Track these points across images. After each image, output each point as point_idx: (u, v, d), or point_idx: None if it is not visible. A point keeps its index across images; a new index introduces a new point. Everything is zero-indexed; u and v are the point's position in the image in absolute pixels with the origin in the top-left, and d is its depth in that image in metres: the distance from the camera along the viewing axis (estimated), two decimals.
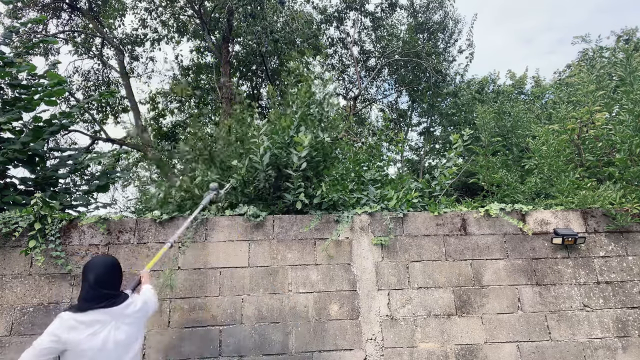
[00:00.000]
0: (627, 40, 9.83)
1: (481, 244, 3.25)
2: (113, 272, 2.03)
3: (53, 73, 3.87)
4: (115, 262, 2.08)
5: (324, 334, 2.94)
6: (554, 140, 4.35)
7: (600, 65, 6.20)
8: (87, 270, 1.98)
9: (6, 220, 2.90)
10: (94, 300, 1.90)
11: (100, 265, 2.00)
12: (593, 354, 3.00)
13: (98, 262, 2.02)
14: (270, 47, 9.26)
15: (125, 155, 11.96)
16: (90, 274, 1.96)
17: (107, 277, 1.98)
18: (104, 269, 1.99)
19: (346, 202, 3.38)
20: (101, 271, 1.97)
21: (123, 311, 1.96)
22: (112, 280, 2.01)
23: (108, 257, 2.11)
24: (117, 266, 2.07)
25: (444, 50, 12.92)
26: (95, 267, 1.98)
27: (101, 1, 10.93)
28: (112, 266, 2.04)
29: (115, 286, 2.02)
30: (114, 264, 2.06)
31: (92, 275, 1.95)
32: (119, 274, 2.06)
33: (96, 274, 1.95)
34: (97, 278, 1.94)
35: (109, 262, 2.06)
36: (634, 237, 3.35)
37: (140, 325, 2.05)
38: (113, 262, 2.08)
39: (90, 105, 11.24)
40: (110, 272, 2.01)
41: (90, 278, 1.94)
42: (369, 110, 14.76)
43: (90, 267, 1.99)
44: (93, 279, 1.94)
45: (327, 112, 3.95)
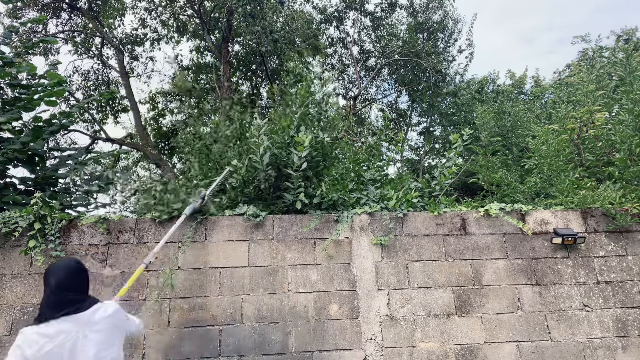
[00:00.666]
0: (627, 40, 9.84)
1: (481, 244, 3.25)
2: (76, 275, 1.85)
3: (53, 73, 3.88)
4: (78, 265, 1.90)
5: (324, 334, 2.95)
6: (554, 140, 4.35)
7: (600, 65, 6.20)
8: (48, 275, 1.80)
9: (6, 220, 2.90)
10: (56, 307, 1.72)
11: (61, 268, 1.82)
12: (593, 354, 3.00)
13: (59, 265, 1.85)
14: (270, 47, 9.26)
15: (125, 155, 11.97)
16: (51, 278, 1.78)
17: (70, 281, 1.80)
18: (66, 272, 1.81)
19: (346, 202, 3.38)
20: (63, 275, 1.79)
21: (91, 318, 1.77)
22: (76, 284, 1.83)
23: (71, 260, 1.92)
24: (81, 269, 1.89)
25: (444, 50, 12.92)
26: (57, 271, 1.80)
27: (101, 1, 10.93)
28: (75, 269, 1.86)
29: (80, 290, 1.84)
30: (77, 267, 1.88)
31: (54, 280, 1.77)
32: (83, 278, 1.89)
33: (57, 278, 1.78)
34: (58, 282, 1.76)
35: (71, 265, 1.87)
36: (634, 237, 3.35)
37: (113, 334, 1.84)
38: (76, 264, 1.89)
39: (90, 105, 11.24)
40: (73, 275, 1.83)
41: (51, 283, 1.77)
42: (369, 110, 14.77)
43: (50, 272, 1.81)
44: (54, 284, 1.76)
45: (326, 112, 3.95)
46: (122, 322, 1.94)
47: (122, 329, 1.93)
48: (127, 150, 11.13)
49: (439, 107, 12.53)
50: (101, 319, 1.80)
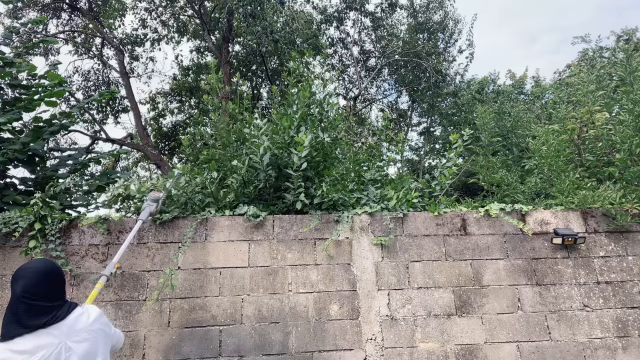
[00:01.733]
0: (627, 40, 9.84)
1: (481, 244, 3.26)
2: (49, 279, 1.54)
3: (53, 73, 3.87)
4: (52, 266, 1.59)
5: (324, 334, 2.95)
6: (554, 140, 4.35)
7: (600, 65, 6.20)
8: (15, 279, 1.50)
9: (6, 220, 2.90)
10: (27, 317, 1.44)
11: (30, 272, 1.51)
12: (593, 354, 3.00)
13: (28, 268, 1.53)
14: (270, 47, 9.26)
15: (125, 155, 11.97)
16: (17, 284, 1.48)
17: (41, 287, 1.50)
18: (36, 276, 1.51)
19: (346, 202, 3.38)
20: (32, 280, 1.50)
21: (73, 326, 1.53)
22: (49, 289, 1.52)
23: (41, 261, 1.59)
24: (54, 272, 1.57)
25: (444, 50, 12.93)
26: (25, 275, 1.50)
27: (101, 1, 10.93)
28: (46, 272, 1.54)
29: (54, 296, 1.54)
30: (49, 269, 1.56)
31: (20, 286, 1.47)
32: (57, 282, 1.57)
33: (25, 283, 1.48)
34: (26, 288, 1.47)
35: (42, 267, 1.55)
36: (634, 237, 3.35)
37: (97, 343, 1.58)
38: (48, 266, 1.58)
39: (90, 105, 11.24)
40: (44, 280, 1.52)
41: (16, 290, 1.47)
42: (369, 110, 14.78)
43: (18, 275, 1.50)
44: (21, 290, 1.46)
45: (327, 112, 3.95)
46: (107, 329, 1.69)
47: (107, 337, 1.68)
48: (127, 150, 11.13)
49: (439, 107, 12.55)
50: (84, 326, 1.57)
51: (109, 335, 1.70)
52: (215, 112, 3.83)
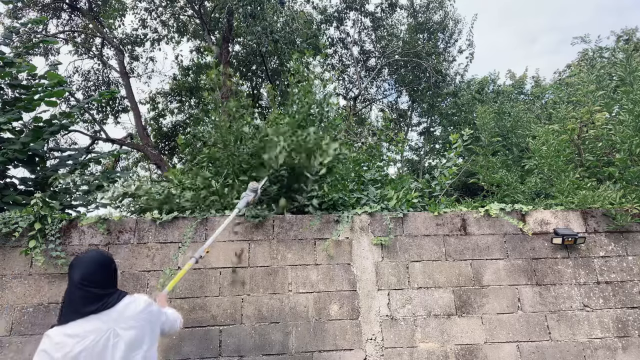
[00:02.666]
0: (627, 40, 9.84)
1: (481, 244, 3.25)
2: (103, 268, 1.67)
3: (53, 73, 3.88)
4: (105, 257, 1.72)
5: (324, 334, 2.95)
6: (554, 140, 4.35)
7: (600, 66, 6.20)
8: (72, 267, 1.63)
9: (6, 220, 2.90)
10: (81, 304, 1.56)
11: (87, 261, 1.65)
12: (593, 354, 3.00)
13: (84, 257, 1.67)
14: (270, 47, 9.26)
15: (125, 155, 11.97)
16: (75, 271, 1.61)
17: (97, 275, 1.63)
18: (92, 265, 1.64)
19: (346, 202, 3.38)
20: (89, 268, 1.62)
21: (122, 313, 1.61)
22: (103, 278, 1.65)
23: (97, 252, 1.74)
24: (109, 262, 1.72)
25: (444, 50, 12.93)
26: (81, 264, 1.63)
27: (101, 1, 10.94)
28: (101, 262, 1.68)
29: (107, 285, 1.66)
30: (104, 259, 1.70)
31: (78, 273, 1.60)
32: (111, 271, 1.71)
33: (82, 271, 1.60)
34: (83, 276, 1.59)
35: (98, 257, 1.69)
36: (634, 237, 3.35)
37: (144, 331, 1.65)
38: (103, 256, 1.72)
39: (90, 105, 11.24)
40: (99, 268, 1.65)
41: (74, 277, 1.60)
42: (369, 110, 14.78)
43: (75, 264, 1.64)
44: (78, 278, 1.59)
45: (327, 113, 3.95)
46: (156, 317, 1.75)
47: (155, 325, 1.73)
48: (127, 150, 11.12)
49: (439, 107, 12.55)
50: (133, 314, 1.63)
51: (157, 323, 1.76)
52: (215, 110, 3.83)
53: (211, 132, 3.82)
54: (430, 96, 12.47)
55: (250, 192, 2.97)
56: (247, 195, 2.94)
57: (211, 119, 3.85)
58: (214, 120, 3.83)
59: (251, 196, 2.94)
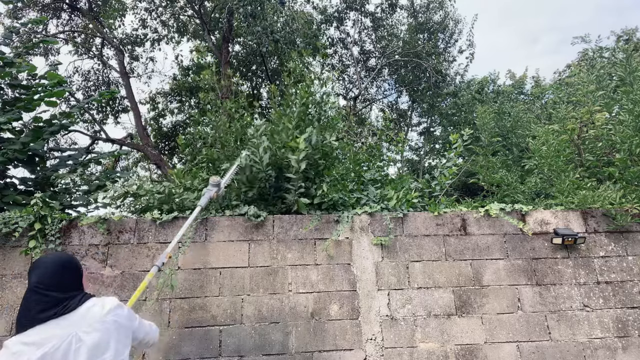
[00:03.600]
0: (627, 40, 9.84)
1: (481, 244, 3.25)
2: (64, 271, 1.56)
3: (53, 73, 3.88)
4: (67, 259, 1.62)
5: (324, 334, 2.95)
6: (554, 140, 4.35)
7: (600, 66, 6.20)
8: (30, 270, 1.53)
9: (6, 220, 2.90)
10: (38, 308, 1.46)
11: (47, 263, 1.55)
12: (593, 354, 3.00)
13: (45, 259, 1.57)
14: (270, 48, 9.26)
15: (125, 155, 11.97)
16: (32, 274, 1.51)
17: (56, 277, 1.52)
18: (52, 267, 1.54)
19: (346, 202, 3.38)
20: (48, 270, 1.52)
21: (84, 316, 1.51)
22: (63, 281, 1.54)
23: (59, 254, 1.67)
24: (71, 264, 1.61)
25: (444, 50, 12.94)
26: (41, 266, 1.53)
27: (101, 1, 10.94)
28: (62, 264, 1.57)
29: (69, 288, 1.55)
30: (65, 261, 1.59)
31: (35, 276, 1.50)
32: (73, 274, 1.60)
33: (41, 274, 1.51)
34: (41, 279, 1.49)
35: (59, 259, 1.59)
36: (634, 237, 3.35)
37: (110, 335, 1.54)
38: (65, 258, 1.61)
39: (90, 105, 11.24)
40: (60, 271, 1.55)
41: (32, 280, 1.50)
42: (369, 110, 14.78)
43: (34, 267, 1.54)
44: (35, 281, 1.49)
45: (325, 112, 3.95)
46: (126, 321, 1.64)
47: (125, 330, 1.62)
48: (127, 150, 11.12)
49: (439, 107, 12.55)
50: (98, 317, 1.53)
51: (129, 327, 1.65)
52: (213, 111, 3.83)
53: (210, 133, 3.82)
54: (430, 96, 12.47)
55: (212, 187, 2.88)
56: (209, 191, 2.86)
57: (210, 119, 3.85)
58: (212, 120, 3.84)
59: (213, 191, 2.85)
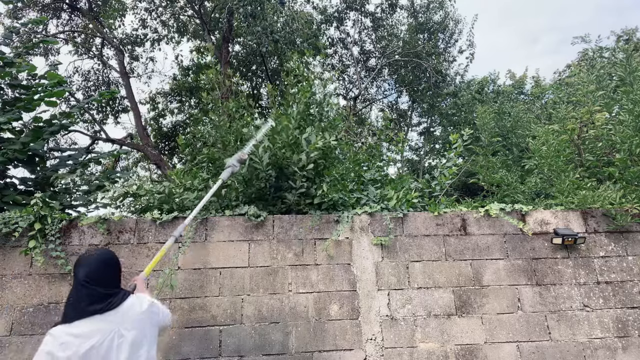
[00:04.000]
0: (627, 40, 9.84)
1: (481, 244, 3.25)
2: (108, 267, 1.68)
3: (53, 73, 3.88)
4: (110, 256, 1.74)
5: (324, 334, 2.94)
6: (554, 140, 4.35)
7: (600, 66, 6.20)
8: (77, 265, 1.63)
9: (6, 220, 2.90)
10: (85, 302, 1.56)
11: (92, 259, 1.65)
12: (593, 354, 3.00)
13: (90, 256, 1.67)
14: (270, 48, 9.26)
15: (125, 155, 11.97)
16: (80, 269, 1.61)
17: (101, 273, 1.63)
18: (97, 263, 1.64)
19: (346, 202, 3.38)
20: (93, 266, 1.62)
21: (126, 314, 1.62)
22: (107, 276, 1.66)
23: (103, 250, 1.77)
24: (114, 261, 1.73)
25: (444, 50, 12.93)
26: (87, 262, 1.64)
27: (101, 1, 10.93)
28: (106, 260, 1.69)
29: (111, 284, 1.67)
30: (109, 258, 1.71)
31: (82, 271, 1.60)
32: (116, 270, 1.73)
33: (87, 269, 1.61)
34: (88, 274, 1.60)
35: (103, 255, 1.70)
36: (634, 237, 3.35)
37: (146, 330, 1.67)
38: (108, 255, 1.73)
39: (90, 105, 11.24)
40: (104, 267, 1.66)
41: (79, 274, 1.60)
42: (369, 110, 14.78)
43: (80, 262, 1.64)
44: (83, 276, 1.59)
45: (327, 113, 3.95)
46: (156, 318, 1.75)
47: (154, 325, 1.74)
48: (127, 150, 11.12)
49: (439, 107, 12.55)
50: (136, 315, 1.64)
51: (157, 323, 1.76)
52: (214, 111, 3.83)
53: (210, 133, 3.82)
54: (430, 96, 12.47)
55: (237, 163, 2.91)
56: (234, 166, 2.89)
57: (211, 119, 3.85)
58: (213, 120, 3.84)
59: (237, 167, 2.89)
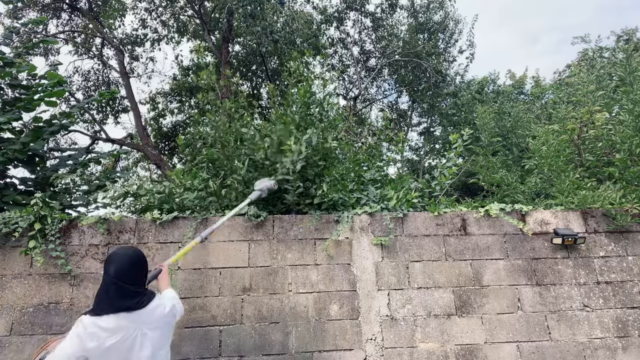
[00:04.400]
0: (627, 40, 9.83)
1: (481, 244, 3.25)
2: (138, 265, 1.75)
3: (53, 73, 3.88)
4: (140, 255, 1.80)
5: (324, 334, 2.94)
6: (554, 140, 4.35)
7: (600, 66, 6.20)
8: (108, 261, 1.70)
9: (6, 220, 2.90)
10: (115, 298, 1.64)
11: (123, 256, 1.72)
12: (593, 354, 3.00)
13: (121, 253, 1.75)
14: (270, 48, 9.25)
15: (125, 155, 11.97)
16: (111, 266, 1.68)
17: (132, 271, 1.70)
18: (129, 261, 1.72)
19: (346, 202, 3.37)
20: (125, 264, 1.70)
21: (151, 315, 1.69)
22: (136, 275, 1.73)
23: (133, 249, 1.83)
24: (143, 260, 1.80)
25: (444, 50, 12.93)
26: (118, 259, 1.71)
27: (101, 1, 10.93)
28: (136, 259, 1.76)
29: (139, 282, 1.74)
30: (139, 257, 1.78)
31: (114, 268, 1.68)
32: (144, 269, 1.79)
33: (118, 266, 1.68)
34: (119, 271, 1.67)
35: (133, 253, 1.77)
36: (634, 237, 3.35)
37: (166, 331, 1.77)
38: (138, 254, 1.79)
39: (90, 105, 11.24)
40: (134, 265, 1.73)
41: (110, 271, 1.67)
42: (369, 110, 14.77)
43: (111, 259, 1.71)
44: (114, 272, 1.66)
45: (327, 113, 3.95)
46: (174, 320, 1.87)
47: (172, 327, 1.86)
48: (127, 150, 11.11)
49: (439, 107, 12.54)
50: (160, 317, 1.72)
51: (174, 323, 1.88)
52: (213, 111, 3.83)
53: (210, 133, 3.82)
54: (430, 96, 12.46)
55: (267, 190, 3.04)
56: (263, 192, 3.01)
57: (210, 119, 3.85)
58: (212, 120, 3.84)
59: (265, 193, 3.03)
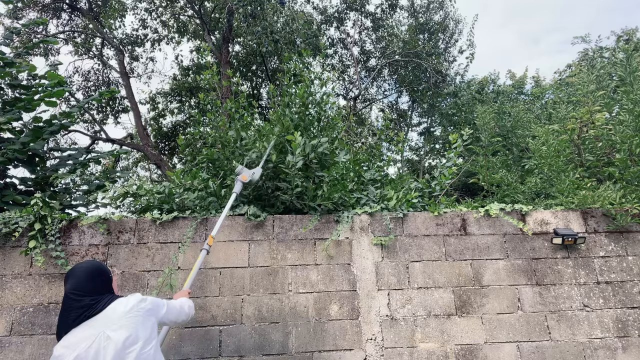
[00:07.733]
0: (627, 40, 9.83)
1: (481, 244, 3.25)
2: (94, 277, 1.72)
3: (53, 73, 3.87)
4: (98, 267, 1.78)
5: (324, 334, 2.94)
6: (554, 140, 4.35)
7: (600, 65, 6.19)
8: (65, 279, 1.71)
9: (6, 220, 2.90)
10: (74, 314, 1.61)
11: (79, 271, 1.72)
12: (593, 354, 3.00)
13: (77, 267, 1.74)
14: (270, 48, 9.26)
15: (125, 155, 11.98)
16: (67, 282, 1.69)
17: (88, 284, 1.68)
18: (84, 274, 1.70)
19: (346, 202, 3.37)
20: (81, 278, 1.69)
21: (110, 315, 1.64)
22: (94, 287, 1.69)
23: (89, 262, 1.81)
24: (100, 271, 1.77)
25: (445, 50, 12.92)
26: (74, 274, 1.71)
27: (101, 1, 10.93)
28: (92, 271, 1.73)
29: (99, 293, 1.70)
30: (95, 269, 1.75)
31: (70, 284, 1.68)
32: (102, 280, 1.75)
33: (74, 281, 1.68)
34: (75, 286, 1.66)
35: (89, 266, 1.75)
36: (634, 237, 3.35)
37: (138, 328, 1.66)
38: (94, 266, 1.77)
39: (90, 105, 11.24)
40: (90, 278, 1.70)
41: (67, 287, 1.67)
42: (369, 110, 14.77)
43: (68, 275, 1.71)
44: (70, 288, 1.66)
45: (325, 112, 3.94)
46: (151, 313, 1.76)
47: (149, 321, 1.74)
48: (127, 150, 11.12)
49: (439, 107, 12.53)
50: (121, 314, 1.65)
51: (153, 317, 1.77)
52: (213, 111, 3.83)
53: (210, 133, 3.82)
54: (431, 96, 12.46)
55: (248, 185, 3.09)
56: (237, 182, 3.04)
57: (210, 119, 3.85)
58: (213, 120, 3.84)
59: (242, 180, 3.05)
